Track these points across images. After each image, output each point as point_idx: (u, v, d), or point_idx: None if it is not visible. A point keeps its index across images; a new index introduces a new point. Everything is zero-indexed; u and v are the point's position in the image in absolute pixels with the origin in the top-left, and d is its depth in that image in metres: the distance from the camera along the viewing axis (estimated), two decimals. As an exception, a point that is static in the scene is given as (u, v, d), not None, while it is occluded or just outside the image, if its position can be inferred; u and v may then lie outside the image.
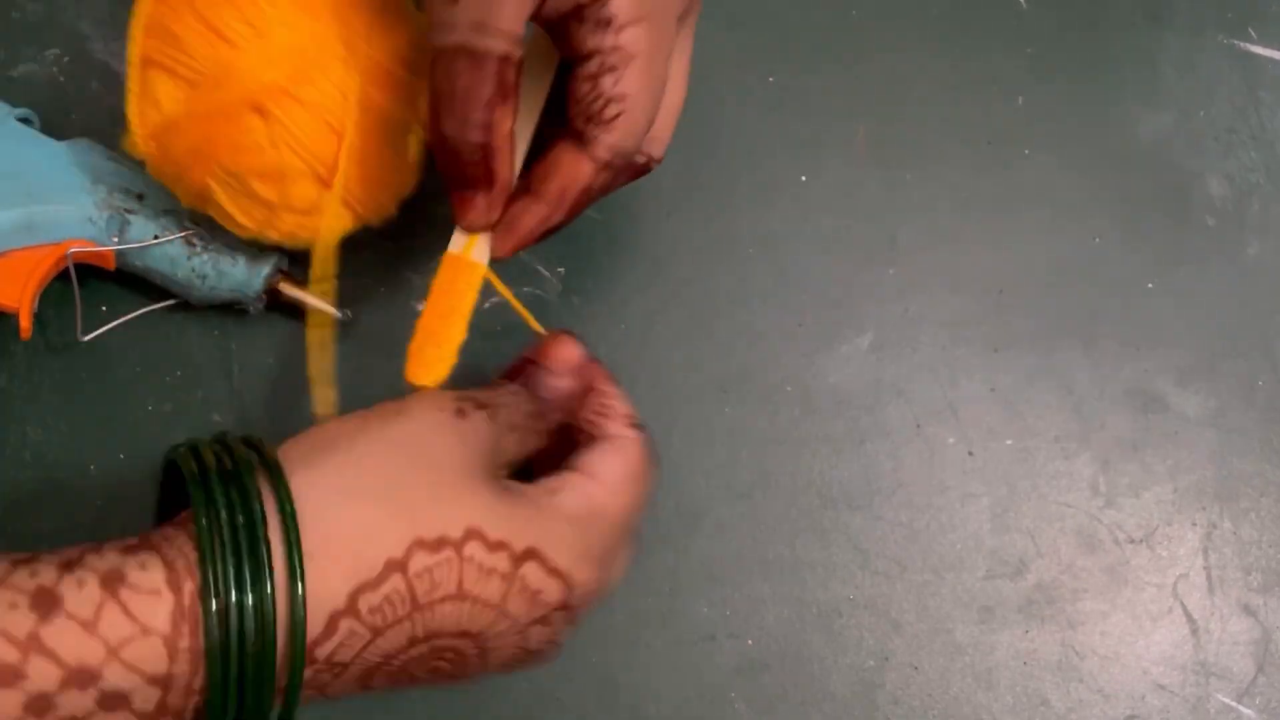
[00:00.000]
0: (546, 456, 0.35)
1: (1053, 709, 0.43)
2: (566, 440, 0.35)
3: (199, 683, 0.26)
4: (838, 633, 0.43)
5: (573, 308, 0.45)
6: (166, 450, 0.31)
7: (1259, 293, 0.48)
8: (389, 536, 0.28)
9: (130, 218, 0.40)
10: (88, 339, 0.42)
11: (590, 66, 0.33)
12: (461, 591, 0.29)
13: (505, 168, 0.34)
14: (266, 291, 0.42)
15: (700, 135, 0.38)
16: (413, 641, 0.29)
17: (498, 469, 0.32)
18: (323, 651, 0.28)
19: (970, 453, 0.45)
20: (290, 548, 0.27)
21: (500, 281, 0.36)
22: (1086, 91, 0.49)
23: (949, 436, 0.45)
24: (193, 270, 0.41)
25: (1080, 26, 0.50)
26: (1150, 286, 0.47)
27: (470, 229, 0.35)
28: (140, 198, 0.41)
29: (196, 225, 0.40)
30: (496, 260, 0.36)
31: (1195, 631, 0.44)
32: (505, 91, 0.32)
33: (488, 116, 0.32)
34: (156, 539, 0.27)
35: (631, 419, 0.35)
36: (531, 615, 0.31)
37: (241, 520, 0.27)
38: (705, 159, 0.47)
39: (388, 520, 0.28)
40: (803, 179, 0.47)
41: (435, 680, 0.31)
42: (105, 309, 0.43)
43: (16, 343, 0.42)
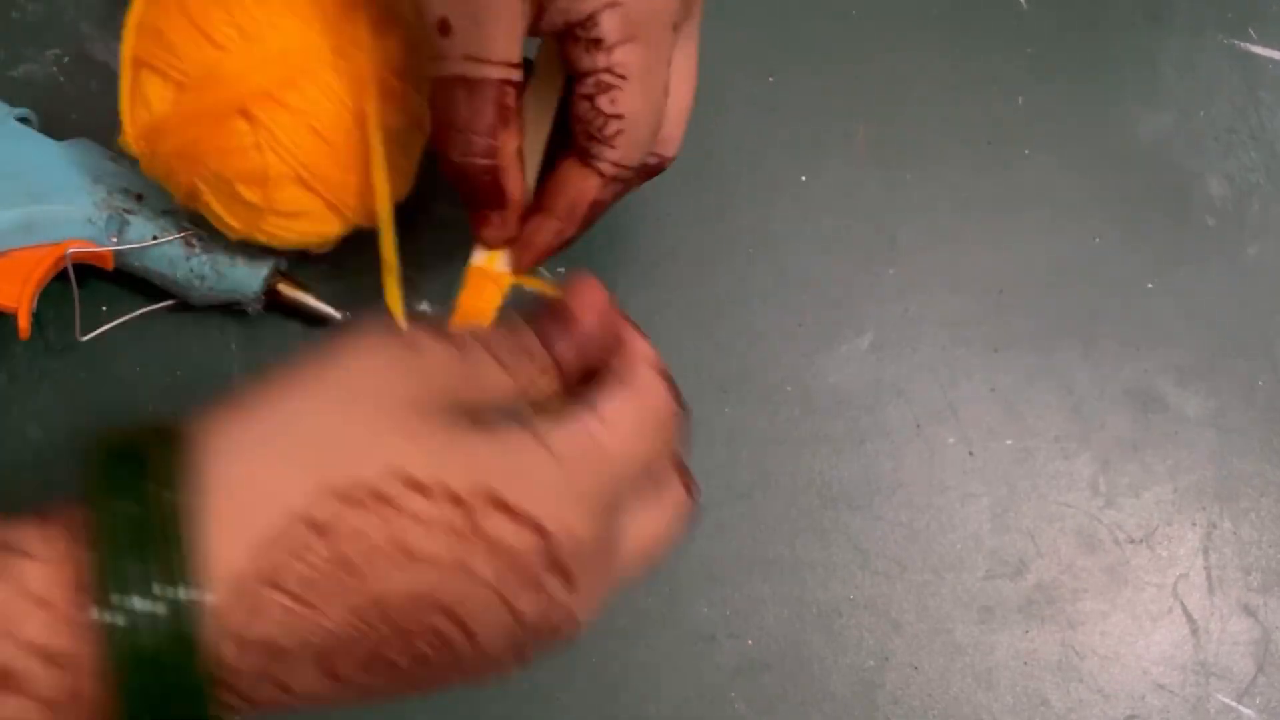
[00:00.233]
0: None
1: (1053, 709, 0.43)
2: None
3: (107, 666, 0.23)
4: (838, 633, 0.43)
5: (572, 308, 0.45)
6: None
7: (1259, 293, 0.48)
8: (289, 486, 0.24)
9: (129, 218, 0.40)
10: (87, 339, 0.42)
11: (586, 86, 0.32)
12: (403, 548, 0.24)
13: (515, 185, 0.34)
14: (265, 292, 0.42)
15: (700, 135, 0.38)
16: (360, 615, 0.24)
17: (471, 408, 0.27)
18: (249, 629, 0.24)
19: (970, 453, 0.45)
20: (165, 504, 0.23)
21: (530, 278, 0.36)
22: (1086, 91, 0.49)
23: (949, 436, 0.45)
24: (191, 271, 0.41)
25: (1080, 26, 0.50)
26: (1150, 286, 0.47)
27: (489, 245, 0.35)
28: (140, 198, 0.41)
29: (195, 226, 0.40)
30: (516, 273, 0.36)
31: (1195, 631, 0.44)
32: (506, 116, 0.32)
33: (491, 142, 0.32)
34: (57, 509, 0.24)
35: (654, 362, 0.30)
36: (506, 575, 0.25)
37: (131, 515, 0.23)
38: (705, 159, 0.47)
39: (289, 467, 0.24)
40: (803, 179, 0.47)
41: (429, 674, 0.27)
42: (105, 309, 0.43)
43: (16, 343, 0.42)
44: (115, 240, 0.40)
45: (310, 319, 0.43)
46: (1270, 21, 0.51)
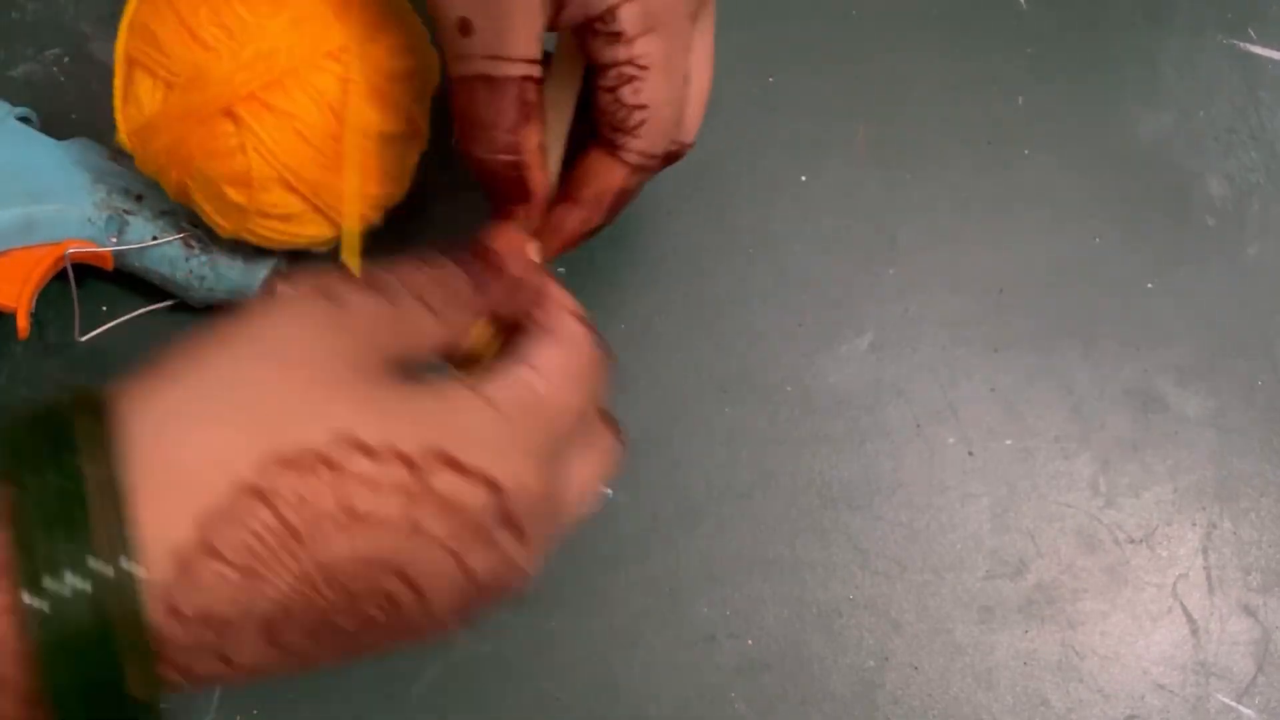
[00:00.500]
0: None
1: (1053, 709, 0.43)
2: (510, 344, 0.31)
3: (29, 648, 0.22)
4: (838, 633, 0.43)
5: (572, 308, 0.45)
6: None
7: (1259, 293, 0.48)
8: (235, 454, 0.23)
9: (129, 218, 0.40)
10: (86, 339, 0.42)
11: (609, 79, 0.33)
12: (349, 512, 0.24)
13: (538, 180, 0.34)
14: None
15: (700, 135, 0.38)
16: (306, 581, 0.24)
17: (402, 359, 0.27)
18: (188, 602, 0.23)
19: (970, 453, 0.45)
20: (100, 476, 0.22)
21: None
22: (1086, 91, 0.49)
23: (949, 436, 0.45)
24: (191, 271, 0.41)
25: (1080, 26, 0.50)
26: (1150, 286, 0.47)
27: None
28: (139, 198, 0.41)
29: (195, 227, 0.40)
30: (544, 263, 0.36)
31: (1195, 631, 0.44)
32: (528, 112, 0.33)
33: (514, 138, 0.33)
34: None
35: (576, 311, 0.31)
36: (459, 533, 0.25)
37: (57, 488, 0.22)
38: (705, 159, 0.47)
39: (229, 435, 0.23)
40: (803, 179, 0.47)
41: (381, 639, 0.26)
42: (104, 309, 0.43)
43: (15, 343, 0.42)
44: (115, 240, 0.40)
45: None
46: (1270, 21, 0.51)
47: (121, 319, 0.42)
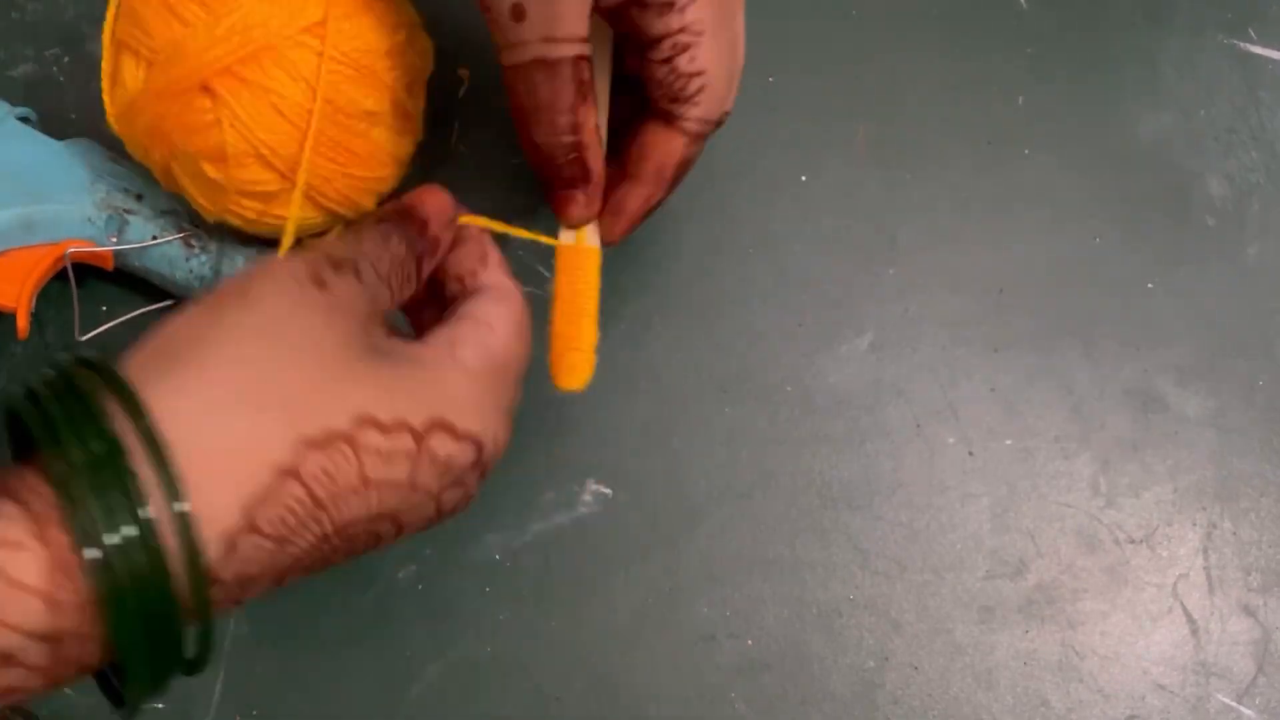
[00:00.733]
0: (416, 305, 0.34)
1: (1053, 709, 0.43)
2: (435, 291, 0.34)
3: (95, 629, 0.24)
4: (838, 633, 0.43)
5: (572, 308, 0.45)
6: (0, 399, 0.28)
7: (1259, 293, 0.48)
8: (272, 442, 0.26)
9: (129, 218, 0.40)
10: (86, 339, 0.42)
11: (664, 50, 0.33)
12: (366, 481, 0.27)
13: (598, 161, 0.35)
14: (266, 291, 0.42)
15: (700, 135, 0.38)
16: (324, 539, 0.27)
17: (375, 330, 0.30)
18: (227, 572, 0.26)
19: (970, 453, 0.45)
20: (163, 473, 0.24)
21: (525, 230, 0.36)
22: (1086, 91, 0.49)
23: (949, 436, 0.45)
24: (190, 271, 0.41)
25: (1080, 26, 0.50)
26: (1150, 286, 0.47)
27: (575, 225, 0.36)
28: (139, 198, 0.41)
29: (195, 226, 0.40)
30: (608, 245, 0.36)
31: (1195, 631, 0.44)
32: (584, 90, 0.34)
33: (574, 119, 0.34)
34: (14, 484, 0.25)
35: (507, 269, 0.34)
36: (444, 482, 0.29)
37: (100, 453, 0.24)
38: (705, 159, 0.47)
39: (267, 424, 0.26)
40: (803, 179, 0.47)
41: (352, 559, 0.30)
42: (104, 309, 0.43)
43: (15, 343, 0.42)
44: (115, 240, 0.40)
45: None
46: (1270, 21, 0.51)
47: (121, 319, 0.42)
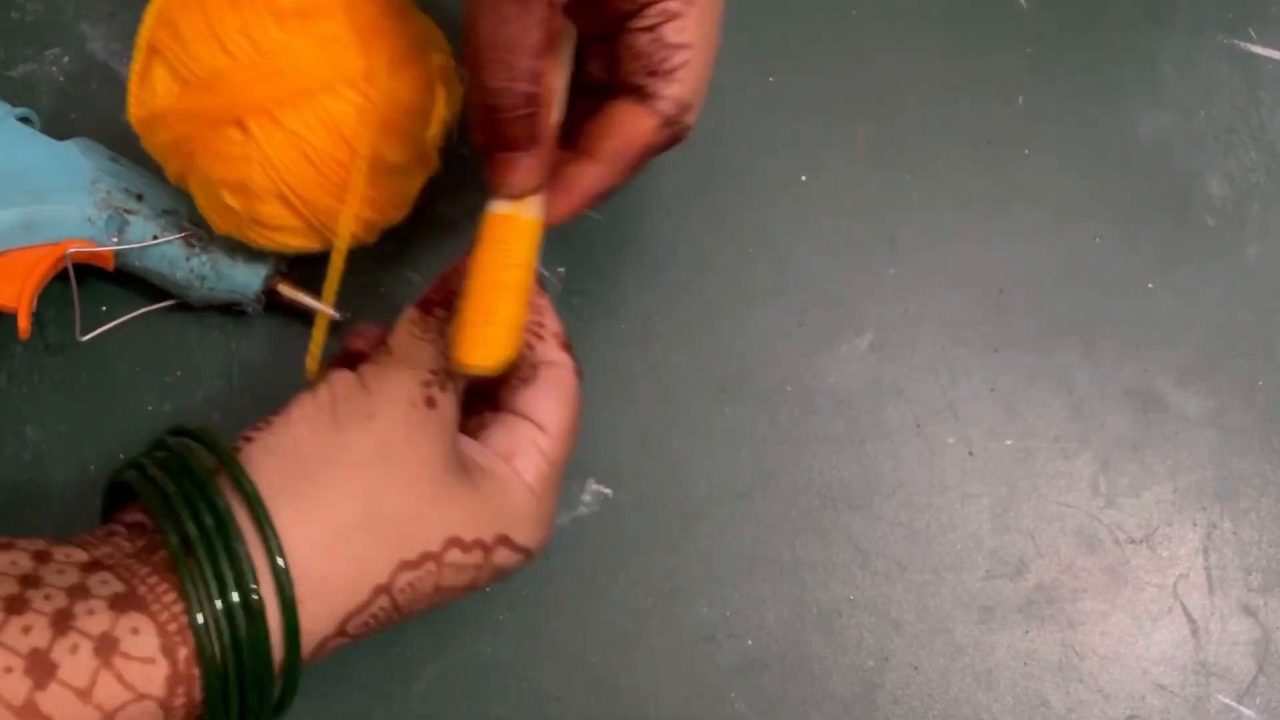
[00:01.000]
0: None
1: (1053, 709, 0.43)
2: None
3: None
4: (838, 633, 0.43)
5: (573, 308, 0.45)
6: (112, 475, 0.32)
7: (1259, 293, 0.48)
8: (376, 564, 0.29)
9: (129, 218, 0.40)
10: (87, 339, 0.42)
11: (649, 16, 0.32)
12: (439, 590, 0.31)
13: (549, 125, 0.32)
14: (265, 292, 0.42)
15: (700, 135, 0.38)
16: (388, 627, 0.31)
17: (456, 436, 0.33)
18: (310, 662, 0.29)
19: (970, 453, 0.45)
20: (285, 607, 0.28)
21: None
22: (1086, 91, 0.49)
23: (949, 436, 0.45)
24: (191, 271, 0.41)
25: (1080, 26, 0.50)
26: (1150, 286, 0.47)
27: (514, 195, 0.32)
28: (140, 198, 0.41)
29: (195, 226, 0.40)
30: (548, 226, 0.33)
31: (1195, 631, 0.44)
32: (552, 39, 0.31)
33: (536, 65, 0.30)
34: (142, 592, 0.27)
35: (561, 339, 0.35)
36: (492, 581, 0.33)
37: (230, 574, 0.27)
38: (705, 159, 0.47)
39: (375, 549, 0.29)
40: (803, 179, 0.47)
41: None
42: (104, 309, 0.43)
43: (16, 343, 0.42)
44: (115, 240, 0.40)
45: (310, 319, 0.43)
46: (1270, 21, 0.51)
47: (121, 319, 0.42)
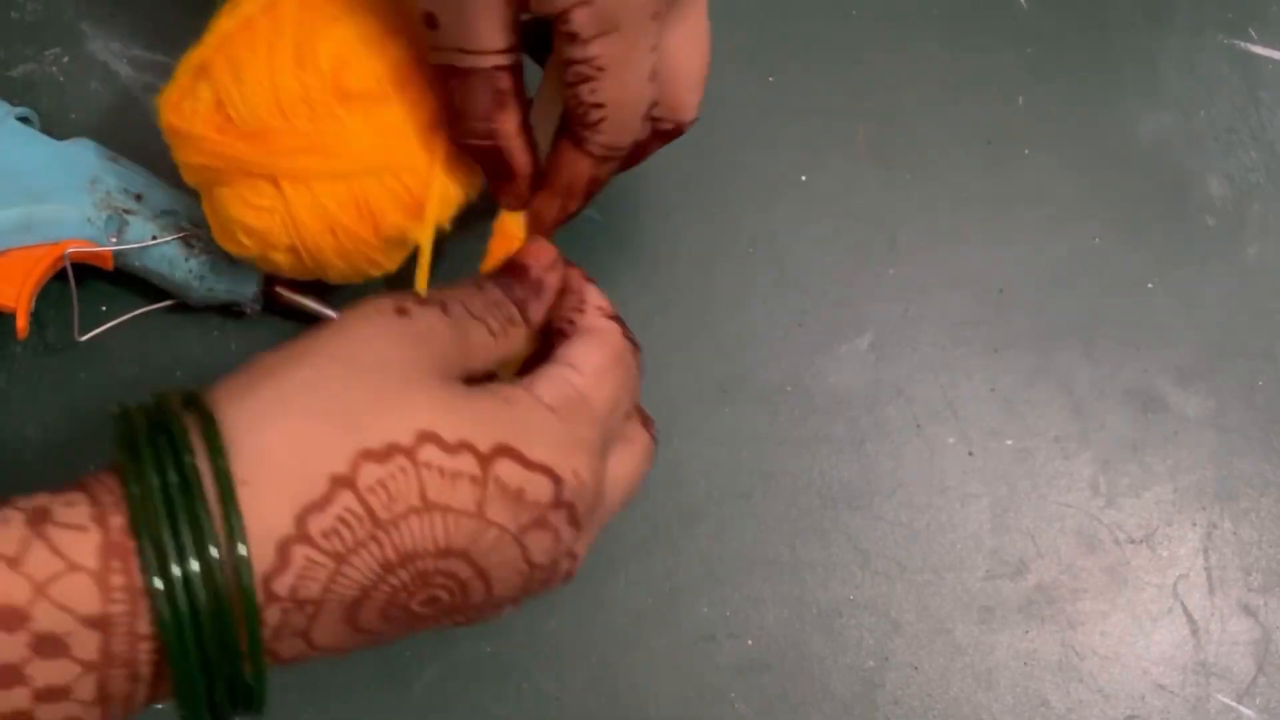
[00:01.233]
0: (533, 362, 0.33)
1: (1053, 709, 0.43)
2: (549, 347, 0.34)
3: (144, 627, 0.24)
4: (838, 633, 0.43)
5: (572, 308, 0.45)
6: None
7: (1259, 293, 0.48)
8: (330, 450, 0.26)
9: (129, 218, 0.40)
10: (86, 339, 0.42)
11: (569, 75, 0.33)
12: (426, 502, 0.26)
13: (521, 159, 0.35)
14: (264, 293, 0.42)
15: (700, 135, 0.38)
16: (387, 566, 0.26)
17: (462, 369, 0.30)
18: (282, 585, 0.25)
19: (970, 453, 0.45)
20: (218, 473, 0.25)
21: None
22: (1086, 91, 0.49)
23: (949, 436, 0.45)
24: (190, 271, 0.41)
25: (1080, 26, 0.50)
26: (1150, 286, 0.47)
27: (506, 209, 0.36)
28: (139, 198, 0.41)
29: (195, 226, 0.40)
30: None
31: (1195, 632, 0.44)
32: (501, 99, 0.33)
33: (489, 125, 0.34)
34: (86, 479, 0.26)
35: (606, 310, 0.34)
36: (521, 520, 0.28)
37: (170, 459, 0.25)
38: (705, 159, 0.47)
39: (327, 433, 0.26)
40: (803, 179, 0.47)
41: (442, 618, 0.29)
42: (104, 309, 0.43)
43: (15, 343, 0.42)
44: (114, 240, 0.40)
45: (308, 320, 0.43)
46: (1270, 21, 0.51)
47: (121, 319, 0.42)
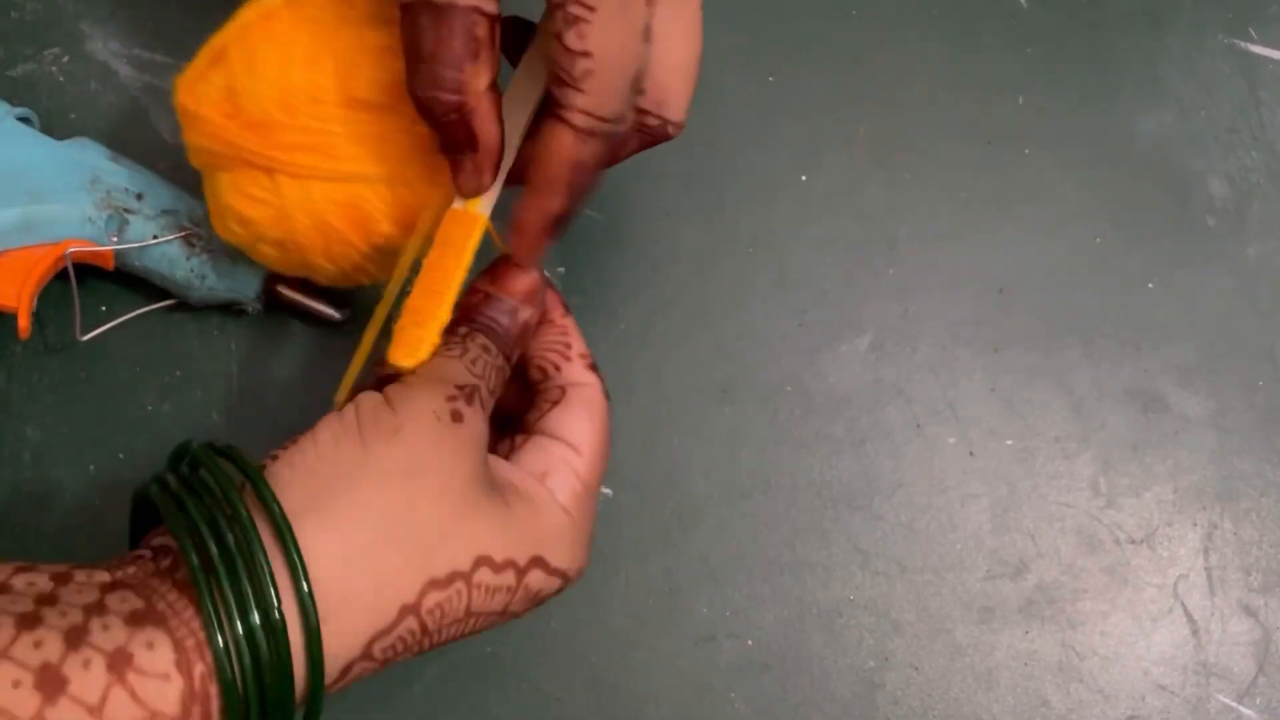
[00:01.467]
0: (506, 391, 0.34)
1: (1053, 709, 0.43)
2: (518, 372, 0.35)
3: None
4: (838, 633, 0.43)
5: (573, 308, 0.45)
6: (135, 491, 0.30)
7: (1259, 293, 0.48)
8: (403, 582, 0.28)
9: (129, 217, 0.40)
10: (86, 339, 0.42)
11: (556, 22, 0.30)
12: (470, 613, 0.30)
13: (487, 128, 0.31)
14: (265, 293, 0.42)
15: (700, 135, 0.38)
16: (417, 655, 0.30)
17: (486, 454, 0.32)
18: (332, 691, 0.28)
19: (970, 453, 0.45)
20: (307, 628, 0.27)
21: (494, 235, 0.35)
22: (1086, 91, 0.49)
23: (949, 436, 0.45)
24: (191, 271, 0.41)
25: (1080, 26, 0.50)
26: (1150, 286, 0.47)
27: (464, 195, 0.33)
28: (139, 197, 0.41)
29: (196, 225, 0.40)
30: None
31: (1195, 632, 0.44)
32: (475, 48, 0.30)
33: (458, 75, 0.30)
34: (161, 608, 0.26)
35: (588, 360, 0.35)
36: (527, 607, 0.32)
37: (250, 592, 0.26)
38: (705, 159, 0.47)
39: (401, 566, 0.28)
40: (803, 179, 0.47)
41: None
42: (104, 309, 0.43)
43: (15, 343, 0.42)
44: (115, 240, 0.40)
45: (310, 319, 0.43)
46: (1270, 21, 0.51)
47: (121, 319, 0.42)
